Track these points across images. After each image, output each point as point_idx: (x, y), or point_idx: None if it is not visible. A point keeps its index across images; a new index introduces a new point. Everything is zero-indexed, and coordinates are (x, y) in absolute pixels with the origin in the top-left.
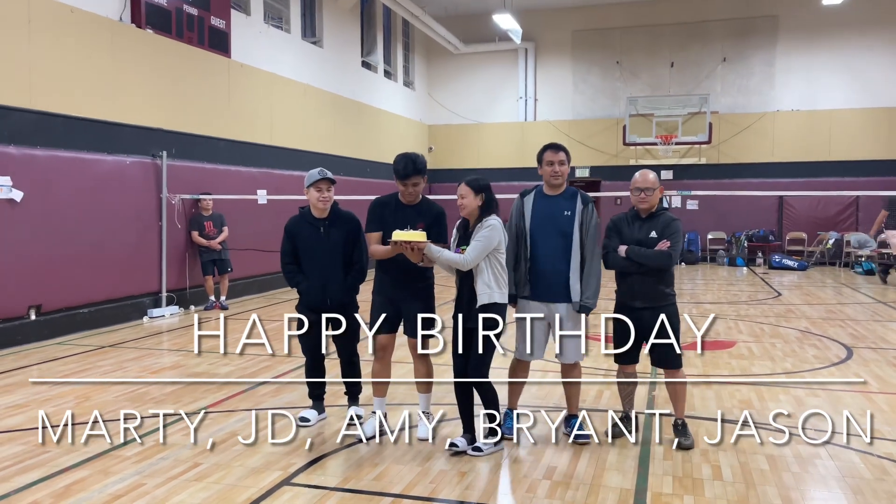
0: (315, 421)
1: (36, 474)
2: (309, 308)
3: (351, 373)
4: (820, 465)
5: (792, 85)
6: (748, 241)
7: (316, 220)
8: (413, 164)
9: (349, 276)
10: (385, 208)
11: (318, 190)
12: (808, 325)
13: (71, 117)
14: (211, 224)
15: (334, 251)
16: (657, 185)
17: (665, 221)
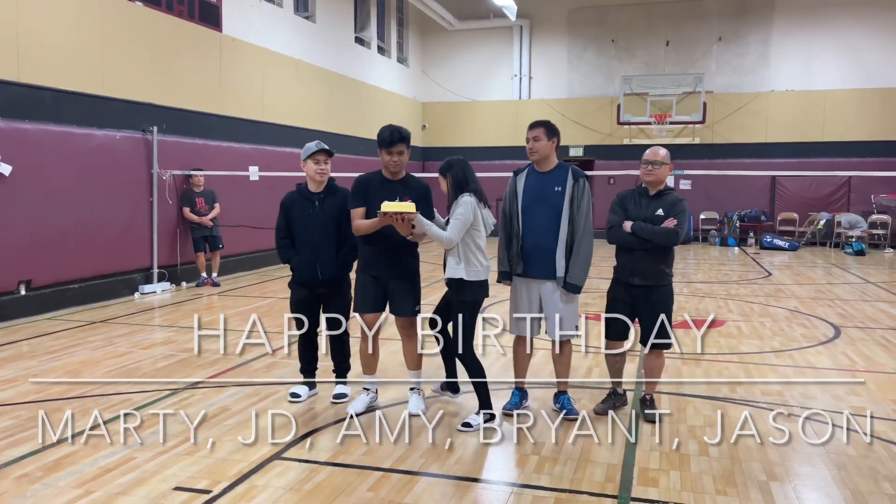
0: (306, 397)
1: (27, 447)
2: (301, 283)
3: (340, 349)
4: (805, 441)
5: (787, 65)
6: (740, 222)
7: (311, 195)
8: (399, 133)
9: (342, 252)
10: (369, 185)
11: (315, 162)
12: (797, 304)
13: (60, 91)
14: (202, 200)
15: (327, 226)
16: (666, 161)
17: (672, 200)
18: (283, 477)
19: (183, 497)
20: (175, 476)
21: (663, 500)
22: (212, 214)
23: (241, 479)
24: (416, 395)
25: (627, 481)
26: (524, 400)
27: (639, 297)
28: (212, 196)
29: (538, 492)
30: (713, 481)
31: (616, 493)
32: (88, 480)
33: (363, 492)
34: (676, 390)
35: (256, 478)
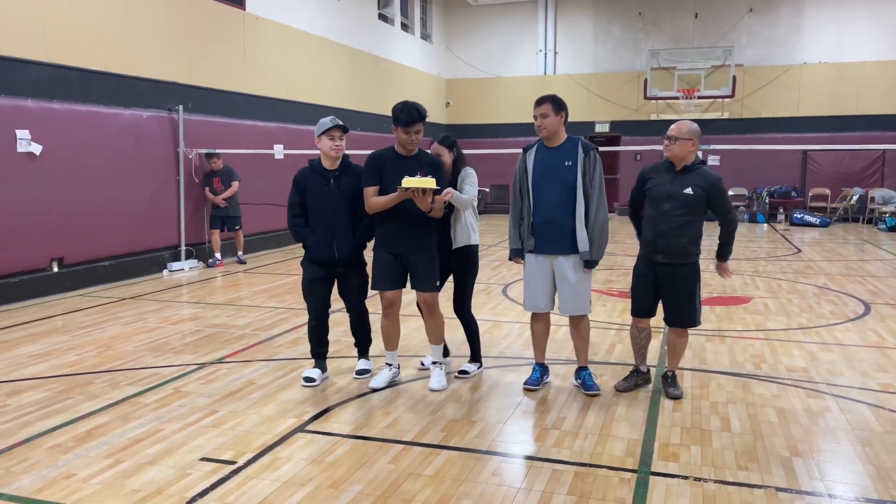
0: (319, 381)
1: (59, 419)
2: (315, 263)
3: (361, 328)
4: (830, 417)
5: (820, 36)
6: (770, 198)
7: (326, 172)
8: (417, 111)
9: (358, 231)
10: (382, 162)
11: (330, 138)
12: (826, 281)
13: (87, 70)
14: (219, 180)
15: (343, 204)
16: (683, 136)
17: (707, 180)
18: (305, 449)
19: (209, 467)
20: (201, 447)
21: (683, 474)
22: (225, 194)
23: (264, 451)
24: (439, 370)
25: (648, 456)
26: (545, 375)
27: (663, 274)
28: (229, 175)
29: (558, 465)
30: (735, 456)
31: (636, 468)
32: (118, 451)
33: (384, 464)
34: (699, 366)
35: (280, 450)
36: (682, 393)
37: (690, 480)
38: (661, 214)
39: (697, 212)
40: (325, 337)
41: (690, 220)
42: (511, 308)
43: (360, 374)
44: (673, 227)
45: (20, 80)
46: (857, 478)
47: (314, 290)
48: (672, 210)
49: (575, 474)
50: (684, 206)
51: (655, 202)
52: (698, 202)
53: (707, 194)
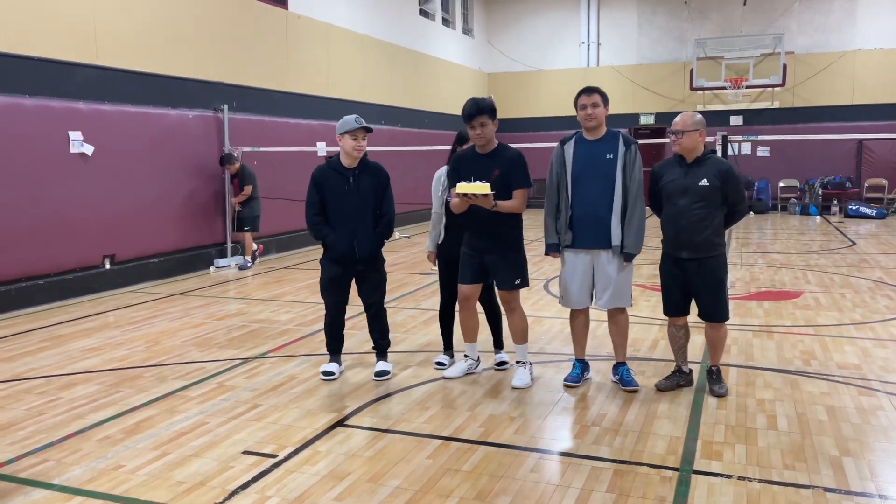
0: (338, 374)
1: (109, 412)
2: (336, 261)
3: (378, 326)
4: (882, 416)
5: (875, 21)
6: (823, 189)
7: (346, 170)
8: (476, 105)
9: (378, 229)
10: (462, 161)
11: (353, 138)
12: (882, 274)
13: (135, 72)
14: (237, 183)
15: (363, 202)
16: (690, 128)
17: (720, 170)
18: (345, 443)
19: (251, 461)
20: (244, 441)
21: (727, 473)
22: (238, 198)
23: (305, 445)
24: (523, 368)
25: (690, 454)
26: (586, 372)
27: (690, 270)
28: (244, 178)
29: (597, 462)
30: (781, 456)
31: (678, 466)
32: (164, 443)
33: (422, 459)
34: (745, 362)
35: (320, 444)
36: (727, 391)
37: (734, 479)
38: (679, 210)
39: (715, 202)
40: (341, 332)
41: (710, 211)
42: (552, 303)
43: (378, 375)
44: (693, 222)
45: (72, 83)
46: None
47: (333, 288)
48: (690, 204)
49: (614, 472)
50: (701, 198)
51: (672, 198)
52: (714, 193)
53: (722, 183)
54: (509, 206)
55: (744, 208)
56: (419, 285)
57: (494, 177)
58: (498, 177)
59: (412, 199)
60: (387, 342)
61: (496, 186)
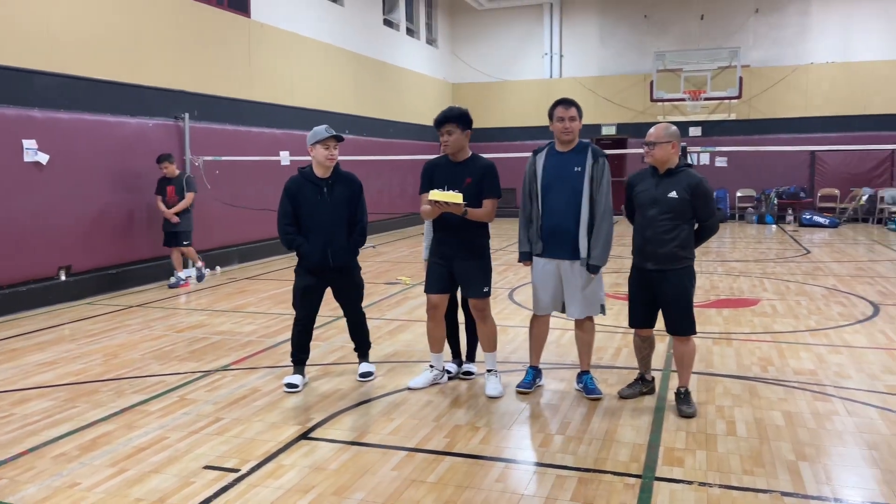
0: (302, 386)
1: (64, 428)
2: (309, 270)
3: (359, 331)
4: (837, 421)
5: (827, 36)
6: (778, 199)
7: (319, 180)
8: (445, 112)
9: (352, 238)
10: (435, 168)
11: (325, 147)
12: (835, 282)
13: (92, 80)
14: (173, 189)
15: (337, 211)
16: (662, 140)
17: (690, 184)
18: (309, 456)
19: (212, 475)
20: (205, 455)
21: (688, 479)
22: (178, 207)
23: (268, 459)
24: (494, 377)
25: (653, 461)
26: (538, 379)
27: (655, 281)
28: (184, 185)
29: (562, 471)
30: (740, 461)
31: (640, 473)
32: (122, 459)
33: (387, 471)
34: (705, 370)
35: (284, 457)
36: (695, 412)
37: (695, 485)
38: (648, 220)
39: (684, 216)
40: (307, 343)
41: (677, 224)
42: (517, 312)
43: (363, 377)
44: (659, 233)
45: (27, 90)
46: (863, 482)
47: (306, 297)
48: (658, 215)
49: (579, 480)
50: (669, 210)
51: (642, 208)
52: (683, 206)
53: (691, 197)
54: (479, 215)
55: (714, 224)
56: (384, 295)
57: (466, 185)
58: (469, 185)
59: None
60: (368, 344)
61: (467, 195)
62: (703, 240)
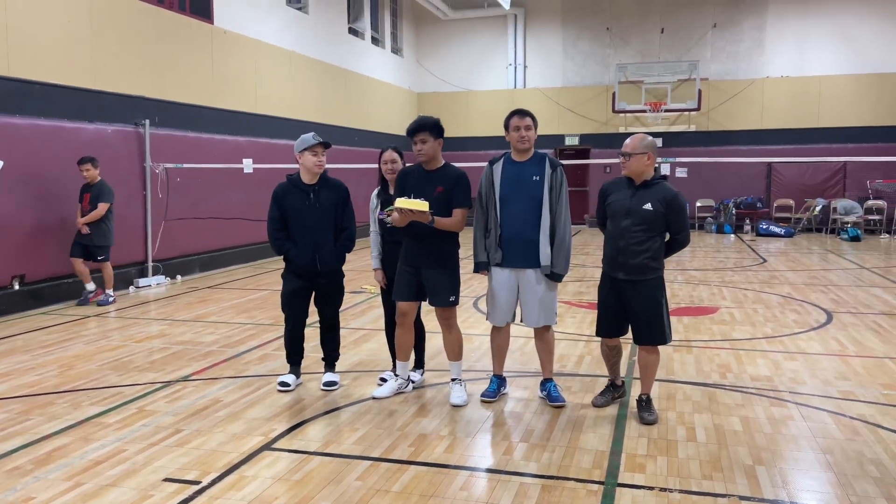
0: (294, 385)
1: (17, 441)
2: (297, 275)
3: (331, 339)
4: (793, 425)
5: (782, 51)
6: (736, 209)
7: (306, 186)
8: (419, 121)
9: (339, 243)
10: (408, 177)
11: (314, 154)
12: (790, 290)
13: (50, 85)
14: (89, 198)
15: (325, 217)
16: (638, 151)
17: (665, 197)
18: (272, 467)
19: (172, 488)
20: (165, 468)
21: (649, 485)
22: (88, 217)
23: (230, 470)
24: (459, 385)
25: (615, 467)
26: (502, 387)
27: (625, 291)
28: (100, 193)
29: (525, 479)
30: (700, 466)
31: (603, 479)
32: (78, 473)
33: (352, 481)
34: (666, 377)
35: (246, 468)
36: (656, 418)
37: (656, 491)
38: (621, 231)
39: (657, 228)
40: (301, 344)
41: (650, 235)
42: (481, 321)
43: (327, 385)
44: (632, 244)
45: None
46: (818, 485)
47: (294, 301)
48: (632, 226)
49: (542, 487)
50: (643, 221)
51: (615, 218)
52: (657, 218)
53: (666, 210)
54: (447, 224)
55: (685, 238)
56: (348, 304)
57: (437, 193)
58: (440, 194)
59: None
60: (337, 354)
61: (438, 204)
62: (673, 252)
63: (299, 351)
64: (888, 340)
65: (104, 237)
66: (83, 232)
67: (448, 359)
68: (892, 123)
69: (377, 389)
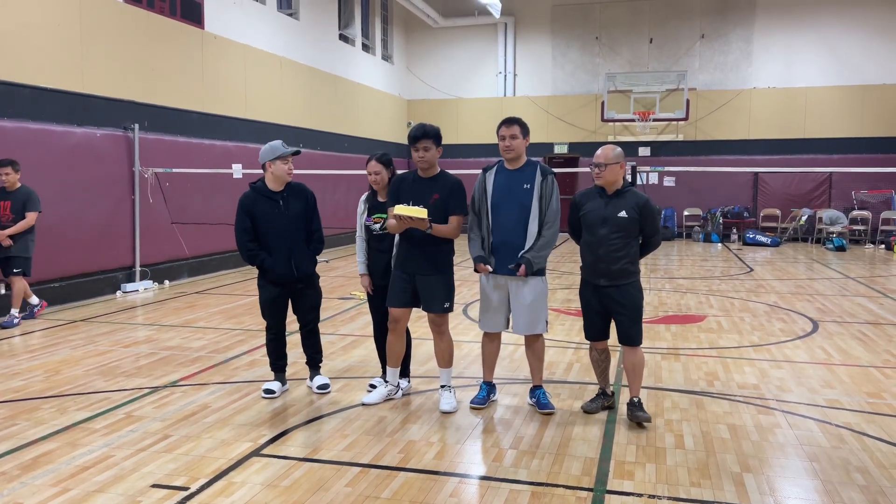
0: (279, 392)
1: (4, 446)
2: (274, 282)
3: (312, 342)
4: (780, 433)
5: (769, 62)
6: (723, 218)
7: (274, 194)
8: (422, 128)
9: (311, 246)
10: (403, 183)
11: (284, 162)
12: (777, 299)
13: (39, 88)
14: (8, 206)
15: (296, 223)
16: (612, 161)
17: (638, 203)
18: (261, 474)
19: (160, 494)
20: (153, 473)
21: (638, 492)
22: (13, 229)
23: (218, 476)
24: (449, 392)
25: (604, 474)
26: (492, 394)
27: (606, 297)
28: (25, 201)
29: (515, 485)
30: (688, 473)
31: (592, 486)
32: (65, 479)
33: (341, 487)
34: (655, 384)
35: (234, 474)
36: (650, 416)
37: (644, 498)
38: (599, 239)
39: (633, 233)
40: (283, 350)
41: (627, 241)
42: (471, 328)
43: (321, 389)
44: (611, 251)
45: None
46: (804, 492)
47: (274, 308)
48: (609, 234)
49: (532, 494)
50: (619, 229)
51: (591, 228)
52: (632, 224)
53: (640, 216)
54: (444, 231)
55: (658, 240)
56: (338, 310)
57: (433, 201)
58: (437, 201)
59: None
60: (320, 357)
61: (435, 211)
62: (645, 253)
63: (282, 357)
64: (873, 349)
65: (26, 248)
66: (4, 244)
67: (438, 365)
68: (877, 135)
69: (367, 396)
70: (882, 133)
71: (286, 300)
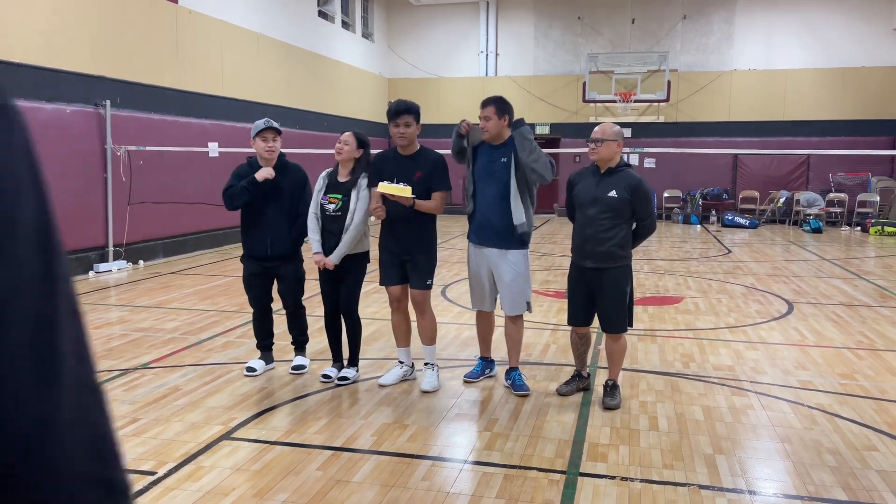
0: (261, 371)
1: None
2: (252, 257)
3: (296, 323)
4: (752, 415)
5: (750, 44)
6: (703, 200)
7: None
8: (404, 103)
9: (294, 228)
10: (384, 162)
11: (263, 140)
12: (753, 281)
13: (5, 62)
14: None
15: (280, 202)
16: (609, 137)
17: (630, 184)
18: (231, 457)
19: None
20: None
21: (611, 474)
22: None
23: (187, 460)
24: (431, 370)
25: (577, 457)
26: (487, 369)
27: (593, 279)
28: None
29: (488, 468)
30: (661, 455)
31: (565, 469)
32: None
33: (312, 471)
34: (630, 366)
35: (204, 458)
36: (619, 404)
37: (617, 480)
38: (588, 219)
39: (624, 215)
40: (269, 329)
41: (617, 223)
42: (449, 309)
43: (295, 369)
44: (598, 231)
45: None
46: (776, 474)
47: (253, 285)
48: (598, 214)
49: (504, 477)
50: (609, 209)
51: (582, 207)
52: (623, 205)
53: (631, 196)
54: (428, 207)
55: (651, 224)
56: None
57: (416, 179)
58: (420, 179)
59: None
60: (305, 338)
61: (418, 188)
62: (641, 238)
63: (267, 336)
64: (846, 331)
65: None
66: None
67: (421, 343)
68: (856, 117)
69: (383, 377)
70: (861, 115)
71: (267, 279)
